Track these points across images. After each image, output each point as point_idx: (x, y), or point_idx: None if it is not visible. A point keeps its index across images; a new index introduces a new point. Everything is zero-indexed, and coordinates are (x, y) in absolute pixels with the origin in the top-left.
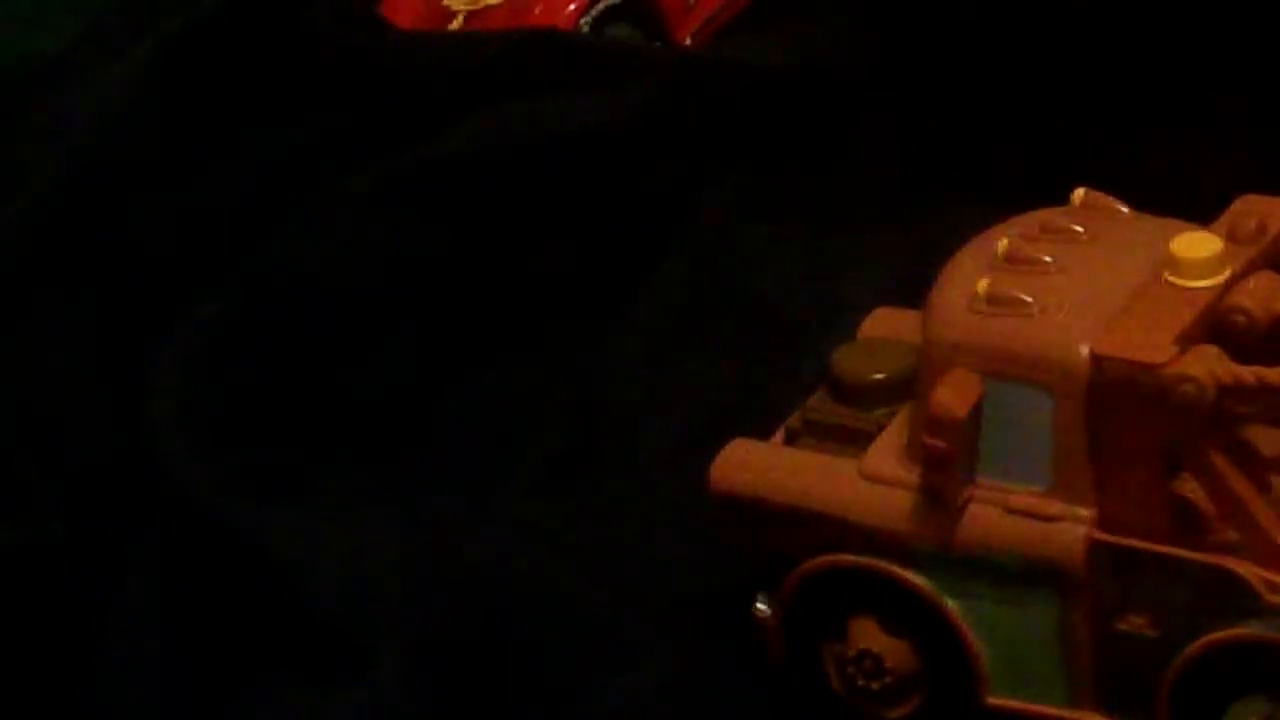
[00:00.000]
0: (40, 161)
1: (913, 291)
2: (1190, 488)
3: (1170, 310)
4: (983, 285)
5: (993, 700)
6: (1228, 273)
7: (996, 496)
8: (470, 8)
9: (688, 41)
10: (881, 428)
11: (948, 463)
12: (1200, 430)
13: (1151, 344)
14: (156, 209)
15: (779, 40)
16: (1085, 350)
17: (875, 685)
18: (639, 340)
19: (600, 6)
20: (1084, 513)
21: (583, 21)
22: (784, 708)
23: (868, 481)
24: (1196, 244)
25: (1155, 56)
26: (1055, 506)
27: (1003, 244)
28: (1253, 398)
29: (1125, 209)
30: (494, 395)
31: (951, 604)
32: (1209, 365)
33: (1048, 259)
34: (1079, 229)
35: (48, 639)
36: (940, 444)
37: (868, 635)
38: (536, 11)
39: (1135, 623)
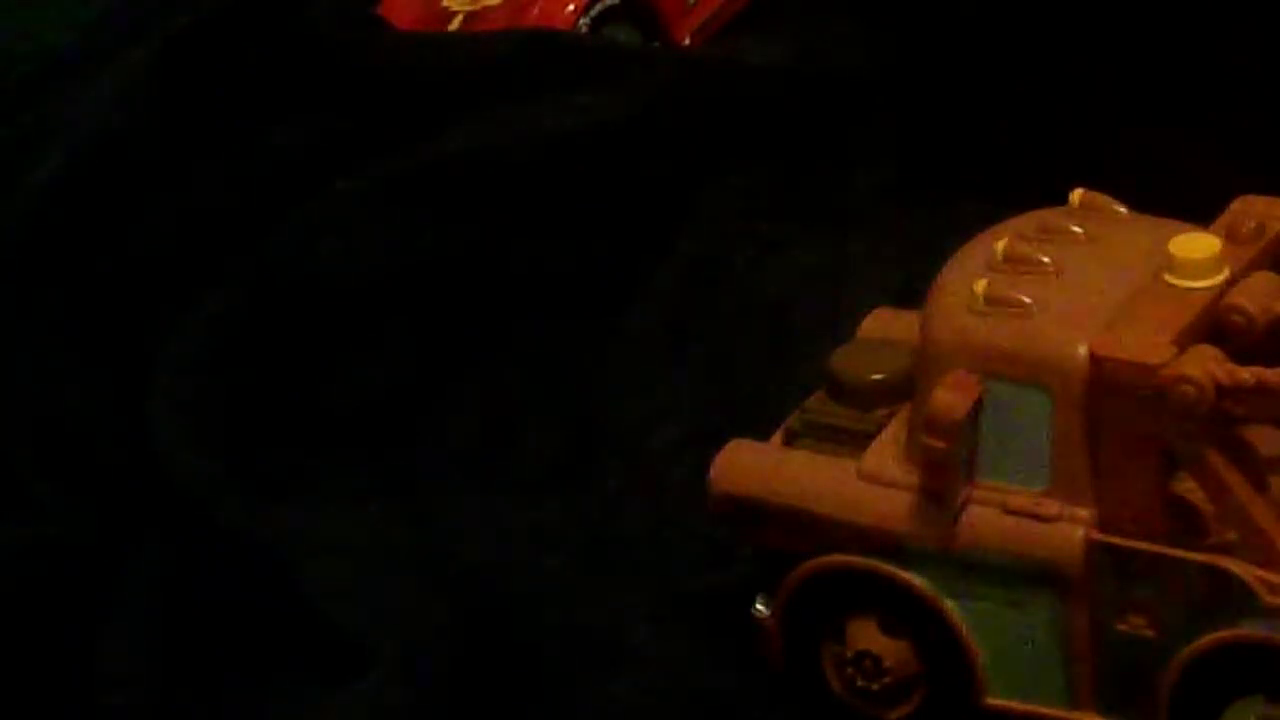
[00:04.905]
0: (40, 161)
1: (912, 292)
2: (1189, 488)
3: (1169, 311)
4: (981, 286)
5: (991, 701)
6: (1226, 273)
7: (995, 497)
8: (469, 8)
9: (687, 41)
10: (880, 428)
11: (946, 463)
12: (1198, 431)
13: (1150, 345)
14: (156, 209)
15: (779, 40)
16: (1084, 351)
17: (874, 686)
18: (639, 340)
19: (599, 7)
20: (1082, 513)
21: (581, 22)
22: (783, 708)
23: (866, 482)
24: (1195, 244)
25: (1155, 56)
26: (1054, 507)
27: (1001, 245)
28: (1251, 398)
29: (1124, 209)
30: (494, 395)
31: (950, 604)
32: (1207, 366)
33: (1046, 260)
34: (1077, 229)
35: (48, 639)
36: (939, 444)
37: (866, 636)
38: (535, 12)
39: (1134, 623)
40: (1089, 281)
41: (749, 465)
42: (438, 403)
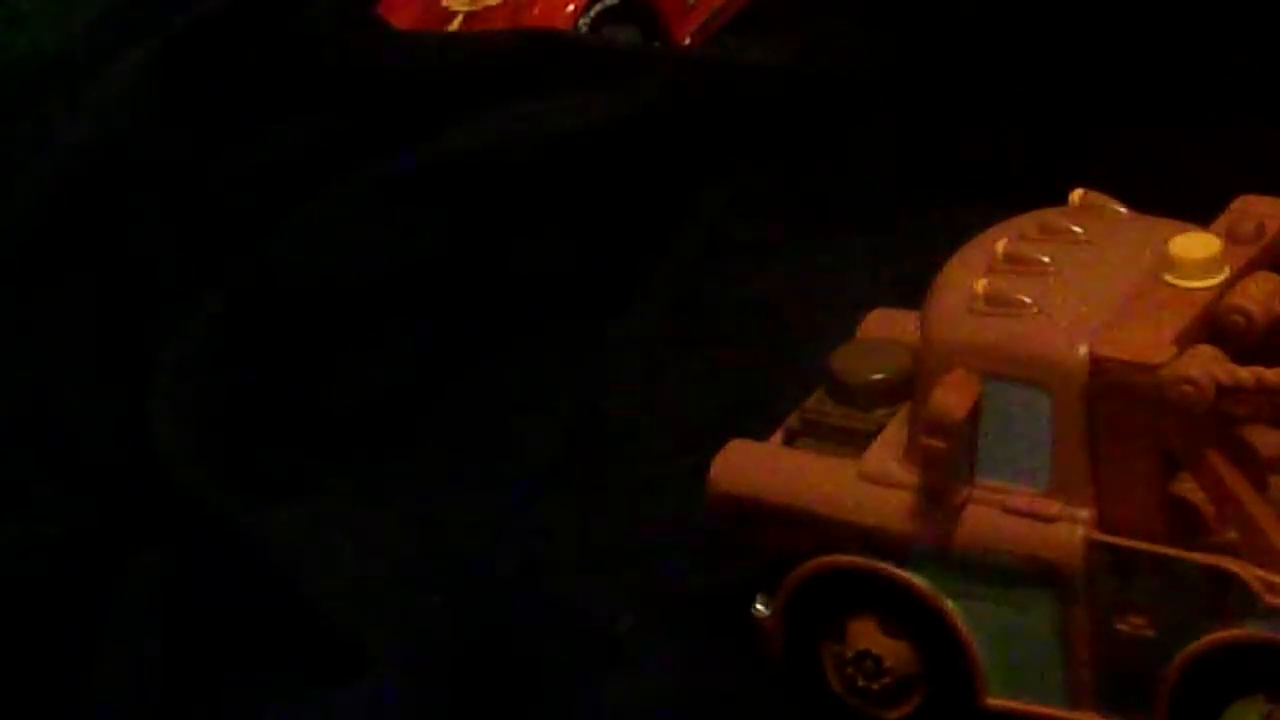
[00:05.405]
0: (40, 161)
1: (911, 292)
2: (1189, 488)
3: (1169, 311)
4: (981, 286)
5: (992, 701)
6: (1226, 273)
7: (995, 497)
8: (469, 8)
9: (687, 41)
10: (880, 428)
11: (946, 463)
12: (1199, 431)
13: (1150, 345)
14: (156, 209)
15: (779, 40)
16: (1084, 351)
17: (874, 686)
18: (638, 340)
19: (599, 7)
20: (1083, 513)
21: (581, 22)
22: (783, 708)
23: (866, 482)
24: (1195, 244)
25: (1154, 57)
26: (1054, 507)
27: (1001, 244)
28: (1251, 398)
29: (1124, 209)
30: (493, 395)
31: (950, 604)
32: (1207, 366)
33: (1046, 259)
34: (1077, 229)
35: (48, 639)
36: (939, 444)
37: (866, 636)
38: (535, 12)
39: (1134, 623)
40: (1089, 281)
41: (749, 465)
42: (438, 403)
